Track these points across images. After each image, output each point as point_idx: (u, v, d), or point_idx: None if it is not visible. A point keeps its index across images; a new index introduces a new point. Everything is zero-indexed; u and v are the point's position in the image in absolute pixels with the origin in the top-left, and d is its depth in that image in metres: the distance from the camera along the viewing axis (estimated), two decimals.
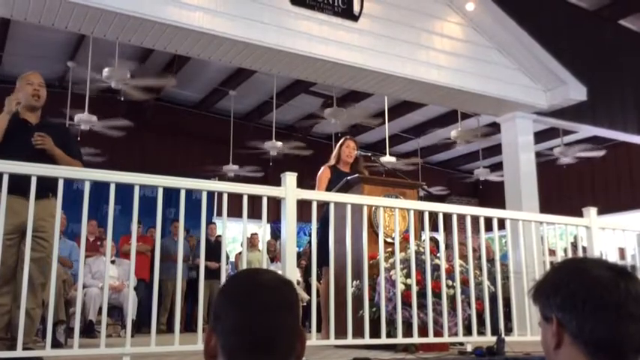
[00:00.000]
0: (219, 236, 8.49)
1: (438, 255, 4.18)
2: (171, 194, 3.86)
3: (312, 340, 3.76)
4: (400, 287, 3.86)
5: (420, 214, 4.35)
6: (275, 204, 3.78)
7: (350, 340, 3.70)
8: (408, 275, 3.95)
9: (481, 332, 4.17)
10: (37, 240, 3.32)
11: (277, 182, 3.74)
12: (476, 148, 12.68)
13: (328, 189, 4.73)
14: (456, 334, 4.02)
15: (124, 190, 3.34)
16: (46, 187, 3.31)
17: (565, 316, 1.12)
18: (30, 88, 3.72)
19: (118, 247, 7.93)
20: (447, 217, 4.21)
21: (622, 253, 5.59)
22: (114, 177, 3.31)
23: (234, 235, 11.24)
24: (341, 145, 5.18)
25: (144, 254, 7.83)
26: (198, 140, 12.23)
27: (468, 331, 4.08)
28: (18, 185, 3.09)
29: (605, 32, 7.44)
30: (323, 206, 4.20)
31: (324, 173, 5.00)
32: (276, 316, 1.09)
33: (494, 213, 4.49)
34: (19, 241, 3.46)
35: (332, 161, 5.14)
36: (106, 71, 7.93)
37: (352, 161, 5.12)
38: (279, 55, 5.16)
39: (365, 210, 4.00)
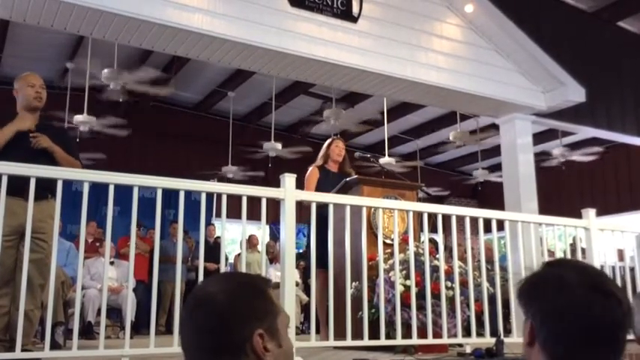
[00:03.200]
0: (218, 237, 8.48)
1: (437, 256, 4.18)
2: (170, 195, 3.85)
3: (312, 341, 3.76)
4: (399, 288, 3.86)
5: (419, 215, 4.35)
6: (274, 205, 3.78)
7: (349, 342, 3.70)
8: (407, 276, 3.95)
9: (480, 334, 4.17)
10: (35, 241, 3.31)
11: (276, 183, 3.73)
12: (475, 150, 12.69)
13: (317, 189, 4.73)
14: (455, 336, 4.02)
15: (123, 192, 3.34)
16: (45, 188, 3.30)
17: (537, 324, 1.17)
18: (32, 90, 3.73)
19: (116, 248, 7.92)
20: (446, 218, 4.21)
21: (621, 254, 5.60)
22: (113, 178, 3.30)
23: (234, 236, 11.24)
24: (329, 145, 5.18)
25: (142, 255, 7.82)
26: (198, 141, 12.23)
27: (467, 332, 4.08)
28: (16, 186, 3.09)
29: (604, 34, 7.44)
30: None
31: (312, 174, 5.00)
32: (186, 336, 1.19)
33: (493, 214, 4.49)
34: (17, 243, 3.45)
35: (319, 161, 5.13)
36: (105, 72, 7.93)
37: (341, 160, 5.14)
38: (279, 57, 5.16)
39: (364, 211, 4.00)
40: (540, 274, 1.23)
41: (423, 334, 3.86)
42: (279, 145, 10.68)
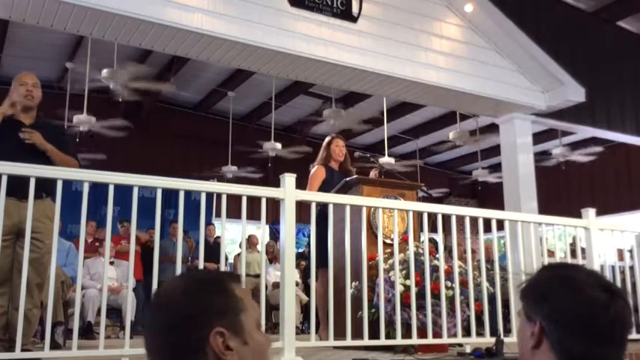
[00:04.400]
0: (218, 237, 8.47)
1: (437, 256, 4.18)
2: (170, 195, 3.86)
3: (311, 341, 3.76)
4: (399, 288, 3.86)
5: (418, 215, 4.35)
6: (274, 205, 3.78)
7: (349, 342, 3.70)
8: (407, 276, 3.95)
9: (480, 333, 4.17)
10: (31, 241, 3.29)
11: (276, 183, 3.73)
12: (474, 149, 12.69)
13: (322, 188, 4.72)
14: (454, 336, 4.02)
15: (123, 192, 3.34)
16: (40, 187, 3.28)
17: (549, 325, 1.15)
18: (23, 88, 3.71)
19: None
20: (446, 218, 4.21)
21: (620, 254, 5.60)
22: (113, 178, 3.30)
23: (234, 236, 11.24)
24: (330, 144, 5.15)
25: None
26: (197, 141, 12.24)
27: (466, 332, 4.08)
28: (9, 186, 3.07)
29: (603, 34, 7.44)
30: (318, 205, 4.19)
31: (318, 172, 4.98)
32: (147, 338, 1.16)
33: (493, 214, 4.49)
34: (13, 243, 3.45)
35: (322, 161, 5.11)
36: (104, 72, 7.92)
37: (342, 159, 5.13)
38: (279, 57, 5.16)
39: (364, 211, 4.00)
40: (547, 275, 1.21)
41: (422, 334, 3.86)
42: (279, 145, 10.68)
